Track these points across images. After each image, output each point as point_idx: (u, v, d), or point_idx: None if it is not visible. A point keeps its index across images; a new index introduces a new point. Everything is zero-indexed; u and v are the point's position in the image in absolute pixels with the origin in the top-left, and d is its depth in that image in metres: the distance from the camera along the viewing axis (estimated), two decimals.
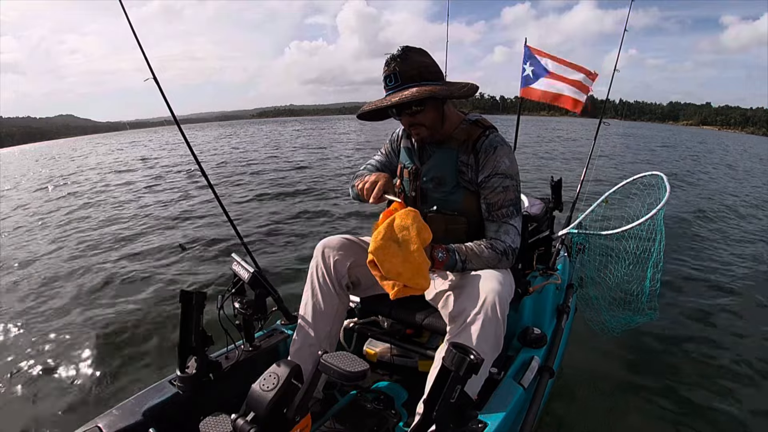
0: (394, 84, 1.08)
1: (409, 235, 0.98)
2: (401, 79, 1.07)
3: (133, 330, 2.46)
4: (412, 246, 0.97)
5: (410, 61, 1.07)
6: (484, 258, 1.10)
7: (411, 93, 1.05)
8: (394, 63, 1.06)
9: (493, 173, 1.12)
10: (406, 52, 1.07)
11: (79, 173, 11.54)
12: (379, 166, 1.35)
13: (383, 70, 1.09)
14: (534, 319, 1.50)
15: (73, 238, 4.66)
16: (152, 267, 3.54)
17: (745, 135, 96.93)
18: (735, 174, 10.43)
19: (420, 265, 0.97)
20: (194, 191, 7.05)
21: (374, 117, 1.23)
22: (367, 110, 1.17)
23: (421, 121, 1.12)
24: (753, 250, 4.04)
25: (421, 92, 1.05)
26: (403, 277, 0.97)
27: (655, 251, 1.77)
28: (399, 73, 1.06)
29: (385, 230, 0.99)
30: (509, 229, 1.13)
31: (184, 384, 1.07)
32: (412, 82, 1.07)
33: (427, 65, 1.10)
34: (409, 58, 1.07)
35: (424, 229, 1.02)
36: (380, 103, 1.12)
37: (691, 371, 2.03)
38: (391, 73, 1.07)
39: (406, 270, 0.97)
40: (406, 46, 1.09)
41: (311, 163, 10.51)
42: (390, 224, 1.00)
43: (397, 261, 0.97)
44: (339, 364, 0.82)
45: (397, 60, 1.06)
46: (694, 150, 17.93)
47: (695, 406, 1.79)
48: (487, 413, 1.02)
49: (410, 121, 1.13)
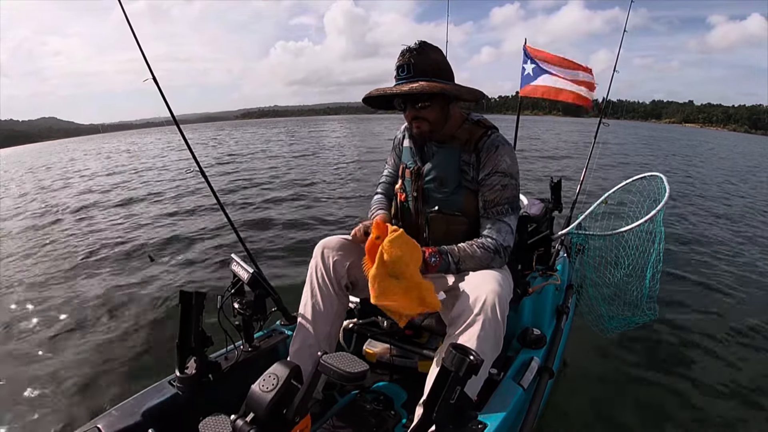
0: (406, 75, 1.08)
1: (402, 265, 0.97)
2: (414, 72, 1.07)
3: (132, 329, 2.46)
4: (409, 276, 0.98)
5: (425, 55, 1.08)
6: (477, 258, 1.10)
7: (421, 86, 1.06)
8: (410, 54, 1.07)
9: (494, 171, 1.12)
10: (423, 46, 1.09)
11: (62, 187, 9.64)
12: (391, 179, 1.38)
13: (397, 60, 1.10)
14: (533, 320, 1.50)
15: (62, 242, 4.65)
16: (151, 267, 3.53)
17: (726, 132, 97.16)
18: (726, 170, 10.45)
19: (423, 290, 0.98)
20: (192, 192, 7.04)
21: (379, 104, 1.24)
22: (375, 95, 1.16)
23: (425, 116, 1.13)
24: (753, 250, 4.05)
25: (431, 87, 1.06)
26: (412, 309, 0.98)
27: (655, 252, 1.77)
28: (413, 65, 1.07)
29: (378, 271, 0.97)
30: (502, 227, 1.12)
31: (183, 385, 1.06)
32: (423, 76, 1.08)
33: (440, 63, 1.11)
34: (425, 52, 1.09)
35: (414, 249, 1.01)
36: (390, 90, 1.11)
37: (691, 371, 2.03)
38: (405, 64, 1.08)
39: (412, 301, 0.98)
40: (423, 41, 1.10)
41: (310, 163, 10.51)
42: (381, 262, 0.97)
43: (401, 297, 0.97)
44: (338, 364, 0.82)
45: (413, 52, 1.08)
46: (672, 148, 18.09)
47: (695, 406, 1.79)
48: (486, 414, 1.02)
49: (415, 114, 1.13)
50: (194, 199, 6.39)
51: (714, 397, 1.85)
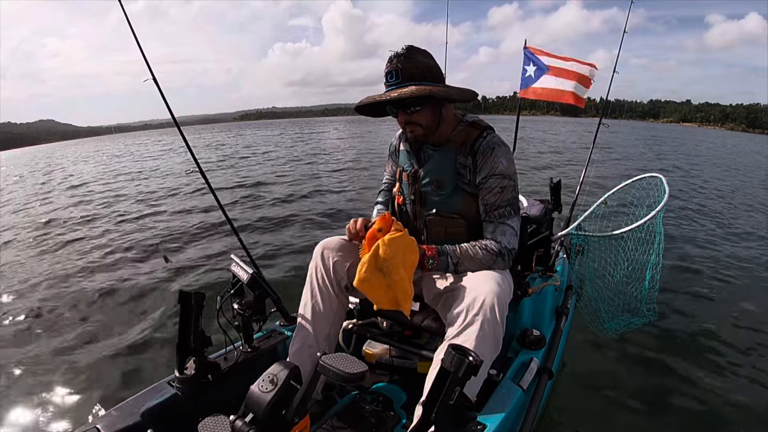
0: (395, 80, 1.09)
1: (392, 266, 1.00)
2: (402, 77, 1.08)
3: (132, 330, 2.46)
4: (395, 277, 1.00)
5: (413, 60, 1.08)
6: (478, 259, 1.10)
7: (410, 90, 1.06)
8: (397, 60, 1.08)
9: (491, 174, 1.12)
10: (410, 51, 1.09)
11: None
12: (391, 186, 1.39)
13: (386, 66, 1.10)
14: (533, 321, 1.50)
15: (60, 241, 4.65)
16: (152, 267, 3.53)
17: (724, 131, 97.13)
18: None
19: (401, 293, 1.01)
20: (191, 193, 7.04)
21: (371, 112, 1.24)
22: (365, 103, 1.17)
23: (417, 121, 1.13)
24: (753, 249, 4.05)
25: (420, 90, 1.05)
26: (384, 304, 1.02)
27: (654, 252, 1.77)
28: (401, 70, 1.07)
29: (369, 261, 1.00)
30: (506, 230, 1.13)
31: (182, 385, 1.07)
32: (412, 81, 1.08)
33: (429, 66, 1.11)
34: (413, 57, 1.09)
35: (410, 252, 1.04)
36: (379, 97, 1.12)
37: (691, 372, 2.03)
38: (393, 70, 1.08)
39: (388, 299, 1.01)
40: (410, 46, 1.10)
41: (309, 163, 10.51)
42: (375, 254, 1.00)
43: (382, 291, 1.01)
44: (338, 365, 0.82)
45: (401, 57, 1.08)
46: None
47: (695, 407, 1.78)
48: (486, 414, 1.02)
49: (407, 119, 1.14)
50: (196, 199, 6.39)
51: (714, 397, 1.85)
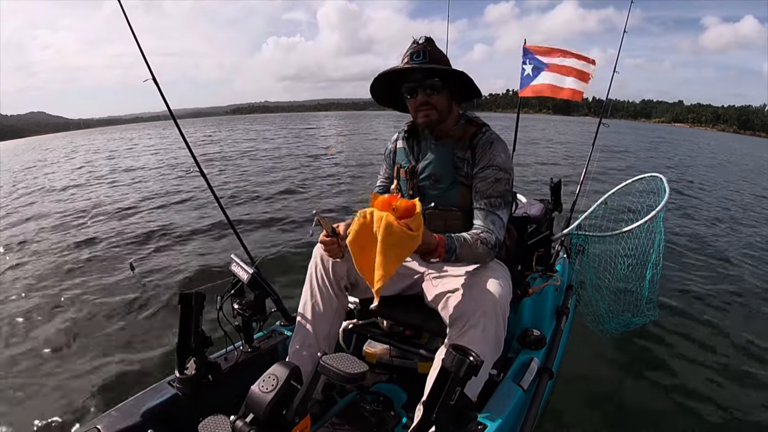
0: (421, 59, 1.10)
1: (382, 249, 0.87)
2: (429, 58, 1.10)
3: (132, 330, 2.46)
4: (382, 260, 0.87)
5: (435, 47, 1.13)
6: (476, 253, 1.07)
7: (444, 66, 1.09)
8: (426, 42, 1.11)
9: (488, 165, 1.13)
10: (432, 40, 1.14)
11: None
12: (386, 189, 1.36)
13: (410, 47, 1.12)
14: (533, 321, 1.50)
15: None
16: (151, 267, 3.53)
17: (715, 132, 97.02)
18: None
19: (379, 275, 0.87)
20: (189, 191, 7.02)
21: (385, 99, 1.27)
22: (392, 70, 1.13)
23: (435, 103, 1.14)
24: (753, 249, 4.05)
25: (453, 69, 1.09)
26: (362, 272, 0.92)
27: (654, 252, 1.77)
28: (429, 51, 1.10)
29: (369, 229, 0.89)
30: (495, 220, 1.12)
31: (183, 385, 1.06)
32: (438, 64, 1.11)
33: (446, 58, 1.15)
34: (434, 45, 1.13)
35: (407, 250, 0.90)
36: (416, 65, 1.09)
37: (691, 372, 2.03)
38: (421, 50, 1.10)
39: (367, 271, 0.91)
40: (429, 37, 1.14)
41: (310, 163, 10.50)
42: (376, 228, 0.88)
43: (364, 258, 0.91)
44: (338, 365, 0.82)
45: (427, 41, 1.12)
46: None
47: (694, 407, 1.78)
48: (486, 415, 1.02)
49: (425, 100, 1.14)
50: (194, 199, 6.38)
51: (714, 397, 1.84)
